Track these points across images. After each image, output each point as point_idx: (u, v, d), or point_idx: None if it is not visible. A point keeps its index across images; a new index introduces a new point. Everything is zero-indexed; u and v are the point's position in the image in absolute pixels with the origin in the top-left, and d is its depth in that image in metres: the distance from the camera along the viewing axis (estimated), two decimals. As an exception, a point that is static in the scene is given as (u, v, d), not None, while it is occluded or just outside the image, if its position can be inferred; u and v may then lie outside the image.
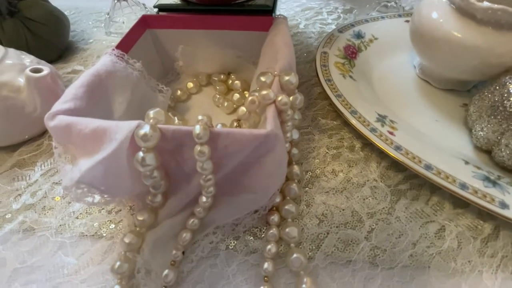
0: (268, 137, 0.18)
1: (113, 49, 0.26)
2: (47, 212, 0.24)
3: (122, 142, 0.18)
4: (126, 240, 0.21)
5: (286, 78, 0.22)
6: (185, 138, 0.18)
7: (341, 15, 0.47)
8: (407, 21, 0.39)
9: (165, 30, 0.32)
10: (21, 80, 0.27)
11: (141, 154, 0.18)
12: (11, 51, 0.29)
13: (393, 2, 0.43)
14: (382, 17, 0.39)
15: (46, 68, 0.26)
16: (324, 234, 0.22)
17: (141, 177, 0.19)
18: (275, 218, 0.22)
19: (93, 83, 0.22)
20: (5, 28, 0.35)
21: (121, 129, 0.18)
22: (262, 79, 0.22)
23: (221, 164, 0.20)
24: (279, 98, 0.20)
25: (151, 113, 0.19)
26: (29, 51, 0.36)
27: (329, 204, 0.24)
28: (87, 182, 0.19)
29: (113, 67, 0.24)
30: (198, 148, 0.18)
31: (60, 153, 0.20)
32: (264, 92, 0.19)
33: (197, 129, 0.17)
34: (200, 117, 0.18)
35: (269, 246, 0.21)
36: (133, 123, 0.18)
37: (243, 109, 0.21)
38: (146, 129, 0.17)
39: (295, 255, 0.20)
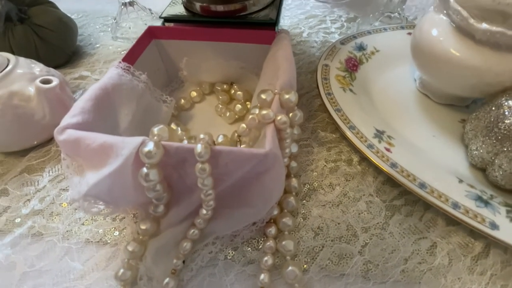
0: (267, 156, 0.19)
1: (120, 62, 0.26)
2: (55, 217, 0.26)
3: (127, 158, 0.19)
4: (129, 248, 0.22)
5: (286, 96, 0.22)
6: (187, 155, 0.19)
7: (345, 23, 0.48)
8: (410, 33, 0.39)
9: (170, 40, 0.33)
10: (31, 90, 0.28)
11: (145, 170, 0.19)
12: (22, 60, 0.30)
13: (396, 13, 0.43)
14: (385, 29, 0.39)
15: (55, 79, 0.27)
16: (319, 247, 0.23)
17: (145, 190, 0.20)
18: (272, 230, 0.23)
19: (100, 97, 0.23)
20: (15, 34, 0.36)
21: (126, 145, 0.19)
22: (263, 96, 0.22)
23: (221, 180, 0.20)
24: (279, 118, 0.20)
25: (155, 130, 0.20)
26: (38, 56, 0.38)
27: (325, 218, 0.25)
28: (94, 195, 0.20)
29: (119, 80, 0.25)
30: (199, 166, 0.19)
31: (69, 165, 0.21)
32: (264, 112, 0.20)
33: (199, 148, 0.18)
34: (201, 136, 0.19)
35: (266, 258, 0.22)
36: (138, 139, 0.19)
37: (243, 126, 0.22)
38: (150, 146, 0.18)
39: (290, 268, 0.21)
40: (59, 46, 0.39)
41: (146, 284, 0.21)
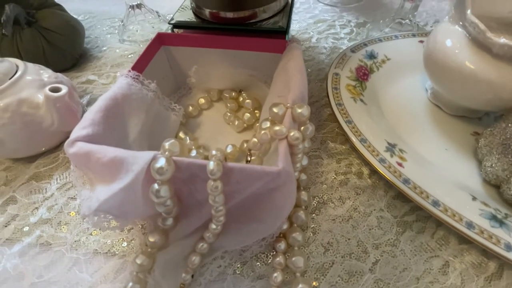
0: (279, 174, 0.18)
1: (129, 71, 0.26)
2: (63, 227, 0.25)
3: (138, 173, 0.18)
4: (138, 261, 0.22)
5: (299, 111, 0.22)
6: (199, 171, 0.19)
7: (354, 29, 0.47)
8: (421, 41, 0.38)
9: (179, 47, 0.33)
10: (40, 97, 0.27)
11: (156, 186, 0.19)
12: (30, 66, 0.30)
13: (408, 20, 0.43)
14: (396, 37, 0.39)
15: (64, 87, 0.27)
16: (330, 263, 0.23)
17: (155, 205, 0.20)
18: (281, 245, 0.23)
19: (110, 107, 0.23)
20: (23, 38, 0.36)
21: (137, 160, 0.19)
22: (275, 110, 0.22)
23: (232, 197, 0.20)
24: (291, 134, 0.20)
25: (167, 144, 0.19)
26: (46, 60, 0.37)
27: (335, 233, 0.24)
28: (105, 210, 0.20)
29: (129, 90, 0.25)
30: (211, 183, 0.18)
31: (78, 177, 0.21)
32: (276, 128, 0.20)
33: (211, 165, 0.18)
34: (213, 152, 0.19)
35: (275, 274, 0.21)
36: (149, 155, 0.19)
37: (255, 140, 0.22)
38: (161, 162, 0.18)
39: (300, 285, 0.21)
40: (66, 50, 0.39)
41: None
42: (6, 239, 0.25)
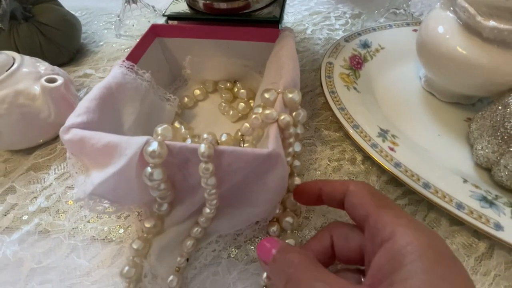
0: (269, 156, 0.19)
1: (124, 61, 0.26)
2: (61, 215, 0.26)
3: (131, 157, 0.19)
4: (134, 246, 0.23)
5: (290, 95, 0.22)
6: (191, 154, 0.19)
7: (349, 20, 0.47)
8: (415, 30, 0.38)
9: (174, 38, 0.33)
10: (36, 88, 0.28)
11: (149, 169, 0.19)
12: (27, 58, 0.30)
13: (402, 10, 0.43)
14: (390, 26, 0.39)
15: (60, 78, 0.27)
16: (322, 246, 0.23)
17: (149, 189, 0.20)
18: (275, 229, 0.23)
19: (105, 96, 0.23)
20: (20, 32, 0.36)
21: (131, 145, 0.19)
22: (266, 95, 0.22)
23: (224, 180, 0.20)
24: (282, 117, 0.20)
25: (159, 129, 0.20)
26: (43, 54, 0.38)
27: (329, 217, 0.25)
28: (99, 194, 0.20)
29: (123, 79, 0.25)
30: (203, 165, 0.19)
31: (74, 164, 0.22)
32: (267, 111, 0.20)
33: (202, 147, 0.18)
34: (205, 136, 0.19)
35: (268, 257, 0.22)
36: (142, 139, 0.19)
37: (246, 125, 0.22)
38: (154, 146, 0.18)
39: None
40: (63, 44, 0.39)
41: (151, 282, 0.22)
42: (5, 227, 0.25)
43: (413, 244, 0.13)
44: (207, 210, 0.22)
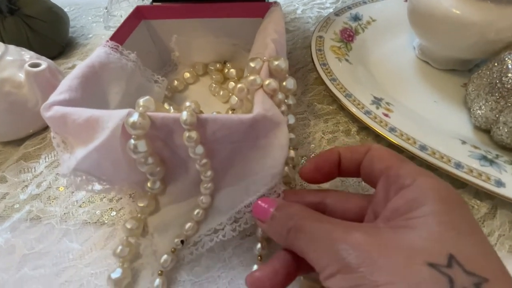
0: (256, 120, 0.18)
1: (107, 41, 0.26)
2: (52, 201, 0.26)
3: (113, 130, 0.18)
4: (128, 225, 0.22)
5: (276, 63, 0.21)
6: (174, 125, 0.19)
7: (340, -2, 0.46)
8: (407, 0, 0.37)
9: (160, 20, 0.32)
10: (21, 76, 0.27)
11: (132, 141, 0.18)
12: (11, 47, 0.30)
13: (393, -18, 0.42)
14: (381, -2, 0.38)
15: (44, 63, 0.27)
16: (318, 217, 0.22)
17: (137, 164, 0.20)
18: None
19: (88, 74, 0.23)
20: (6, 26, 0.36)
21: (112, 117, 0.18)
22: (252, 64, 0.22)
23: (214, 149, 0.20)
24: (267, 83, 0.20)
25: (141, 101, 0.19)
26: (31, 48, 0.37)
27: (324, 187, 0.24)
28: (84, 170, 0.20)
29: (107, 59, 0.25)
30: (186, 134, 0.18)
31: (58, 143, 0.21)
32: (251, 78, 0.20)
33: (184, 115, 0.18)
34: (187, 104, 0.18)
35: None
36: (124, 111, 0.18)
37: (234, 97, 0.21)
38: (135, 117, 0.18)
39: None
40: (51, 37, 0.39)
41: (146, 260, 0.21)
42: (-3, 216, 0.25)
43: (434, 189, 0.13)
44: (204, 185, 0.21)
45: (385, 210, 0.14)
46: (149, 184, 0.22)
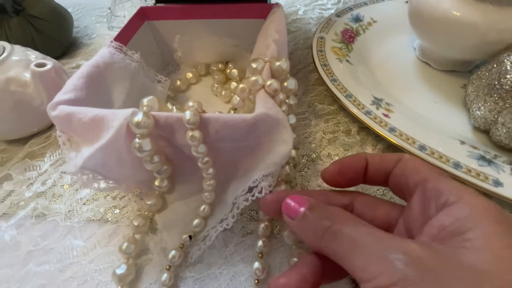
0: (258, 119, 0.18)
1: (112, 41, 0.26)
2: (57, 199, 0.26)
3: (118, 129, 0.18)
4: (135, 222, 0.22)
5: (277, 63, 0.22)
6: (177, 124, 0.19)
7: (342, -1, 0.47)
8: (407, 1, 0.38)
9: (163, 21, 0.33)
10: (27, 75, 0.28)
11: (137, 140, 0.19)
12: (17, 47, 0.30)
13: (394, -17, 0.42)
14: (382, -1, 0.38)
15: (50, 63, 0.28)
16: (318, 215, 0.23)
17: (143, 162, 0.20)
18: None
19: (92, 74, 0.23)
20: (11, 26, 0.36)
21: (117, 117, 0.19)
22: (253, 65, 0.22)
23: (218, 148, 0.20)
24: (268, 83, 0.20)
25: (145, 101, 0.20)
26: (35, 48, 0.38)
27: (324, 187, 0.24)
28: (90, 168, 0.20)
29: (111, 59, 0.25)
30: (189, 133, 0.18)
31: (64, 141, 0.22)
32: (252, 78, 0.20)
33: (187, 114, 0.18)
34: (190, 104, 0.19)
35: (262, 225, 0.21)
36: (128, 110, 0.19)
37: (236, 97, 0.22)
38: (139, 116, 0.18)
39: (288, 231, 0.21)
40: (55, 37, 0.39)
41: (159, 252, 0.22)
42: (2, 213, 0.25)
43: (486, 209, 0.13)
44: (206, 182, 0.21)
45: (429, 227, 0.14)
46: (156, 183, 0.22)
